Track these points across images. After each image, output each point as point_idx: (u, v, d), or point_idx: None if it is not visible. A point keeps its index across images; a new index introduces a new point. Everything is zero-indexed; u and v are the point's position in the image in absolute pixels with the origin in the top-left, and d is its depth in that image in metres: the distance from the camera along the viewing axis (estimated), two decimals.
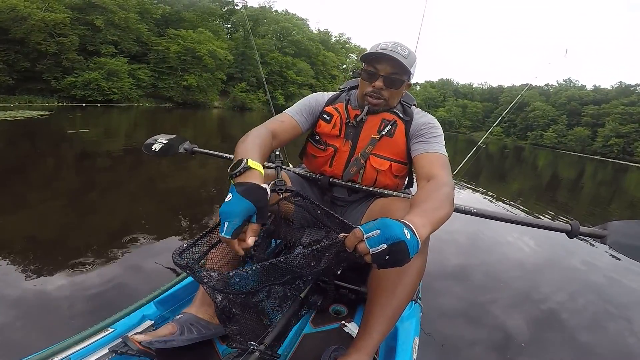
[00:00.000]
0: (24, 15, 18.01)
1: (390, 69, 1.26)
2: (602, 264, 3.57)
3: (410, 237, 0.75)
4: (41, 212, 3.22)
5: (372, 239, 0.72)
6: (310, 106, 1.44)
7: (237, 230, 0.82)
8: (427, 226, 0.85)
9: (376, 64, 1.28)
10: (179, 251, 0.87)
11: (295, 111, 1.41)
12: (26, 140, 7.27)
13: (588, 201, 8.80)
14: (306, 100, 1.47)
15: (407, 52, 1.27)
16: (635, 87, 50.99)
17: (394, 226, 0.74)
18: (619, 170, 26.10)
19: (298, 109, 1.42)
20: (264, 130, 1.23)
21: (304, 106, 1.43)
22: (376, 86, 1.30)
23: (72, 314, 1.80)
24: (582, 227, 1.29)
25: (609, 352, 2.12)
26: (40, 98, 19.12)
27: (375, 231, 0.73)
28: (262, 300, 0.95)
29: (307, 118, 1.42)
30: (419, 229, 0.80)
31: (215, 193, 4.57)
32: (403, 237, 0.73)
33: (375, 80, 1.29)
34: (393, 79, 1.28)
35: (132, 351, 0.99)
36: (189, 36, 27.14)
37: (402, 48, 1.27)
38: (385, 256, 0.72)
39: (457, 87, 75.67)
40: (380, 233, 0.72)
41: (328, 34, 55.65)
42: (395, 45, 1.26)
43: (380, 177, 1.40)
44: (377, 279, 1.12)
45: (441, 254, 3.17)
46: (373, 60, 1.28)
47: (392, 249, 0.72)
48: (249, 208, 0.84)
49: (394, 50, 1.24)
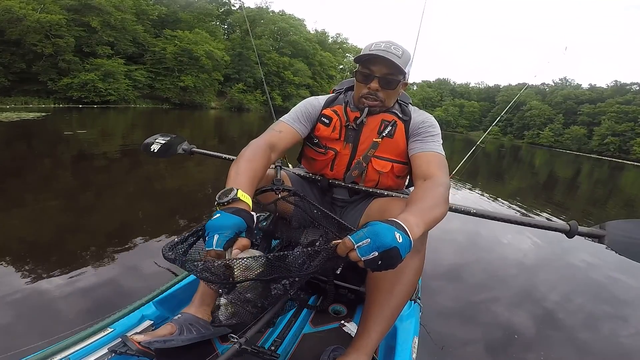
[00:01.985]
0: (19, 17, 17.90)
1: (385, 69, 1.26)
2: (600, 263, 3.59)
3: (402, 240, 0.76)
4: (39, 213, 3.20)
5: (363, 247, 0.74)
6: (307, 112, 1.42)
7: (228, 242, 0.82)
8: (421, 225, 0.86)
9: (370, 65, 1.27)
10: (169, 246, 0.87)
11: (292, 119, 1.38)
12: (23, 142, 7.23)
13: (585, 200, 8.83)
14: (302, 106, 1.44)
15: (400, 52, 1.26)
16: (631, 85, 51.26)
17: (385, 233, 0.75)
18: (615, 168, 26.22)
19: (295, 116, 1.40)
20: (262, 145, 1.21)
21: (301, 113, 1.41)
22: (372, 88, 1.29)
23: (70, 315, 1.80)
24: (581, 226, 1.29)
25: (607, 351, 2.13)
26: (36, 99, 19.01)
27: (365, 240, 0.74)
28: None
29: (305, 125, 1.40)
30: (413, 228, 0.82)
31: (212, 193, 4.56)
32: (394, 242, 0.74)
33: (370, 82, 1.29)
34: (388, 79, 1.27)
35: (131, 351, 0.99)
36: (186, 37, 27.05)
37: (395, 47, 1.25)
38: (378, 262, 0.74)
39: (454, 87, 75.83)
40: (371, 242, 0.74)
41: (325, 34, 55.63)
42: (388, 44, 1.25)
43: (382, 178, 1.40)
44: (375, 279, 1.13)
45: (441, 254, 3.18)
46: (367, 61, 1.27)
47: (384, 255, 0.73)
48: (240, 224, 0.85)
49: (388, 50, 1.23)
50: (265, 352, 1.10)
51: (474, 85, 75.07)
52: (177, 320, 1.13)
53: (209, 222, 0.86)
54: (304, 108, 1.42)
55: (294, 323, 1.38)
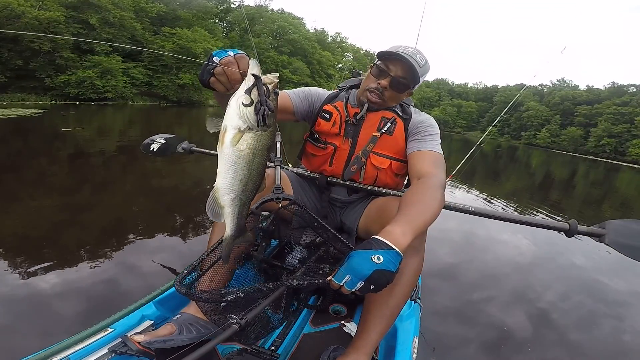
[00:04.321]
0: (17, 13, 17.78)
1: (401, 72, 1.28)
2: (597, 263, 3.61)
3: (384, 259, 0.79)
4: (35, 210, 3.19)
5: (348, 283, 0.79)
6: (309, 94, 1.45)
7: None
8: (409, 232, 0.87)
9: (390, 64, 1.29)
10: (179, 279, 0.95)
11: (291, 90, 1.43)
12: (19, 138, 7.19)
13: (581, 200, 8.88)
14: (306, 88, 1.48)
15: (423, 62, 1.29)
16: (628, 87, 51.54)
17: (360, 263, 0.79)
18: (610, 169, 26.37)
19: (296, 90, 1.44)
20: None
21: (302, 91, 1.45)
22: (382, 84, 1.30)
23: (69, 315, 1.79)
24: (580, 225, 1.30)
25: (605, 350, 2.14)
26: (33, 96, 18.90)
27: (346, 277, 0.79)
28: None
29: (302, 101, 1.43)
30: (398, 238, 0.84)
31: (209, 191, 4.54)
32: (373, 267, 0.78)
33: (383, 78, 1.30)
34: (401, 82, 1.29)
35: (131, 351, 0.99)
36: (185, 35, 26.99)
37: (420, 57, 1.28)
38: (370, 287, 0.79)
39: (452, 87, 76.11)
40: (352, 277, 0.79)
41: (324, 33, 55.70)
42: (415, 51, 1.28)
43: (380, 175, 1.41)
44: None
45: (440, 253, 3.19)
46: (388, 59, 1.29)
47: (371, 281, 0.78)
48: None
49: (413, 56, 1.25)
50: (265, 352, 1.11)
51: (472, 85, 75.46)
52: (177, 320, 1.13)
53: (215, 51, 0.86)
54: (307, 89, 1.48)
55: (294, 323, 1.38)
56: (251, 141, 0.79)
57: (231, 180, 0.82)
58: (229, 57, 0.82)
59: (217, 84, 0.85)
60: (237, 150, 0.79)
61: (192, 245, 2.77)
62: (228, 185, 0.83)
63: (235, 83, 0.83)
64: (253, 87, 0.77)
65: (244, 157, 0.80)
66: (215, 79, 0.84)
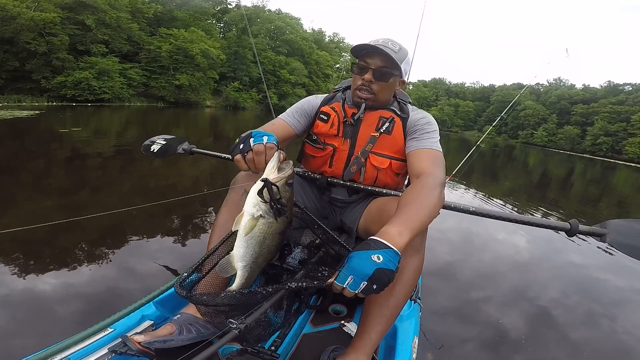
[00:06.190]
0: (13, 15, 17.72)
1: (380, 62, 1.30)
2: (596, 262, 3.63)
3: (383, 258, 0.80)
4: (33, 212, 3.17)
5: (350, 284, 0.79)
6: (303, 109, 1.47)
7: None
8: (406, 233, 0.88)
9: (367, 58, 1.32)
10: (179, 282, 0.95)
11: (287, 114, 1.45)
12: (15, 140, 7.15)
13: (578, 199, 8.92)
14: (298, 103, 1.50)
15: (397, 48, 1.31)
16: (624, 86, 51.74)
17: (361, 264, 0.79)
18: (607, 168, 26.48)
19: (290, 112, 1.46)
20: None
21: (296, 109, 1.47)
22: (366, 79, 1.33)
23: (68, 315, 1.78)
24: (582, 225, 1.30)
25: (605, 349, 2.15)
26: (29, 97, 18.84)
27: (348, 278, 0.79)
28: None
29: (299, 120, 1.44)
30: (395, 238, 0.85)
31: (208, 190, 4.54)
32: (374, 266, 0.79)
33: (365, 74, 1.32)
34: (383, 72, 1.31)
35: (131, 351, 0.99)
36: (181, 35, 26.92)
37: (392, 43, 1.31)
38: (373, 287, 0.79)
39: (449, 87, 76.10)
40: (354, 278, 0.79)
41: (322, 33, 55.65)
42: (386, 40, 1.31)
43: (380, 175, 1.41)
44: None
45: (440, 253, 3.19)
46: (365, 54, 1.32)
47: (372, 281, 0.78)
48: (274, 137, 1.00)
49: (385, 45, 1.28)
50: (265, 352, 1.11)
51: (469, 85, 75.41)
52: (177, 320, 1.13)
53: (254, 131, 0.99)
54: (300, 105, 1.49)
55: (293, 323, 1.38)
56: (263, 227, 0.93)
57: (244, 253, 0.94)
58: (261, 146, 0.94)
59: (241, 163, 0.97)
60: (250, 231, 0.92)
61: (191, 245, 2.77)
62: (241, 256, 0.95)
63: (259, 170, 0.95)
64: (263, 189, 0.89)
65: (256, 239, 0.93)
66: (241, 157, 0.96)
